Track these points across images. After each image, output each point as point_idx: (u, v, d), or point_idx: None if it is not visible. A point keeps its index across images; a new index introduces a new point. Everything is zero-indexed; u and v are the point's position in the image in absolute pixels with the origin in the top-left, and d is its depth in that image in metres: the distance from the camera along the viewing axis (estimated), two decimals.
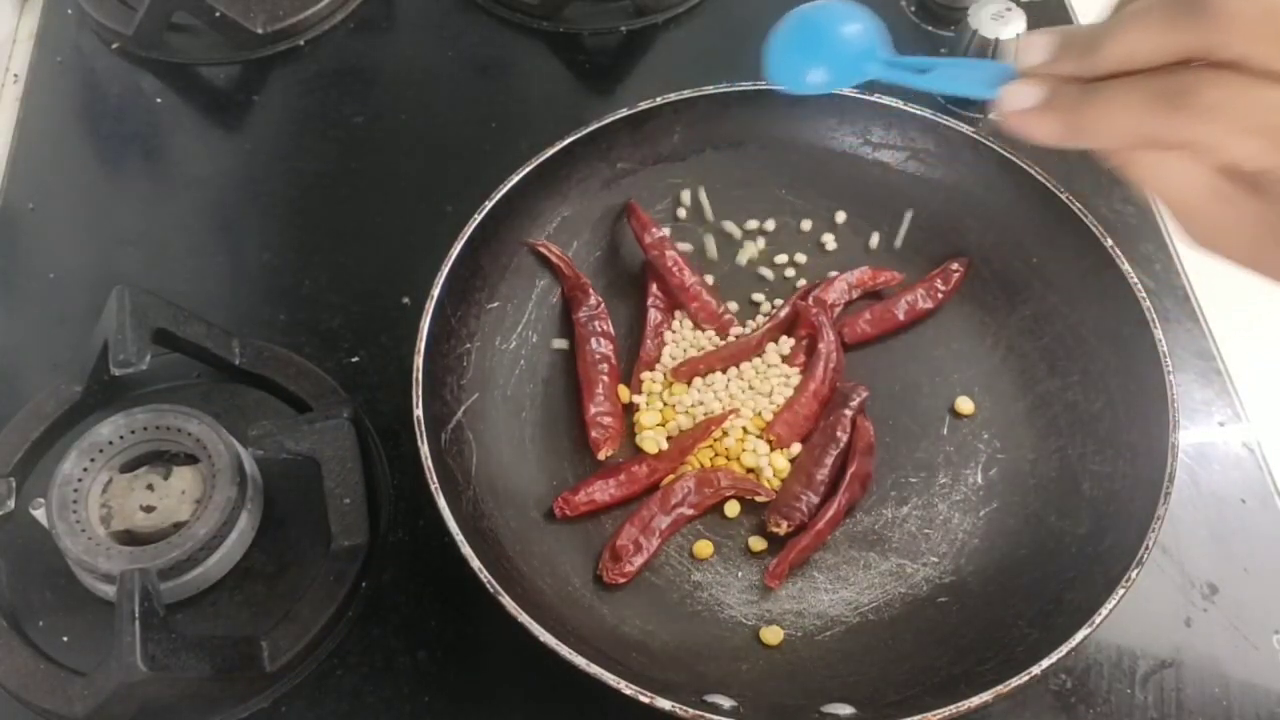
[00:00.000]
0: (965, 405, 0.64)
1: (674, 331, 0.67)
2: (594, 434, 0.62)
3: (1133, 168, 0.39)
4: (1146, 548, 0.52)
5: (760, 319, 0.68)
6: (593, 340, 0.65)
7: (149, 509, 0.58)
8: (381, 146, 0.79)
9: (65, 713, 0.54)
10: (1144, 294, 0.60)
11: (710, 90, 0.68)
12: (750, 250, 0.70)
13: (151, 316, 0.61)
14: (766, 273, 0.70)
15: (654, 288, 0.67)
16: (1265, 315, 0.71)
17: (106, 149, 0.79)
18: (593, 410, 0.63)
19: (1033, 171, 0.65)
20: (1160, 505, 0.53)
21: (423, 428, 0.56)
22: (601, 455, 0.62)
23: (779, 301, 0.68)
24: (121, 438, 0.58)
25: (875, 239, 0.70)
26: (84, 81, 0.83)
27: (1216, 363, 0.68)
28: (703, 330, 0.67)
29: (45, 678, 0.55)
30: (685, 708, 0.49)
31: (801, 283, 0.69)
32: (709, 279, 0.69)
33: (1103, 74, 0.37)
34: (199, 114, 0.82)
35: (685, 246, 0.70)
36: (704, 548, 0.60)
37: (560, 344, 0.66)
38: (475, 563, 0.52)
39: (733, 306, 0.68)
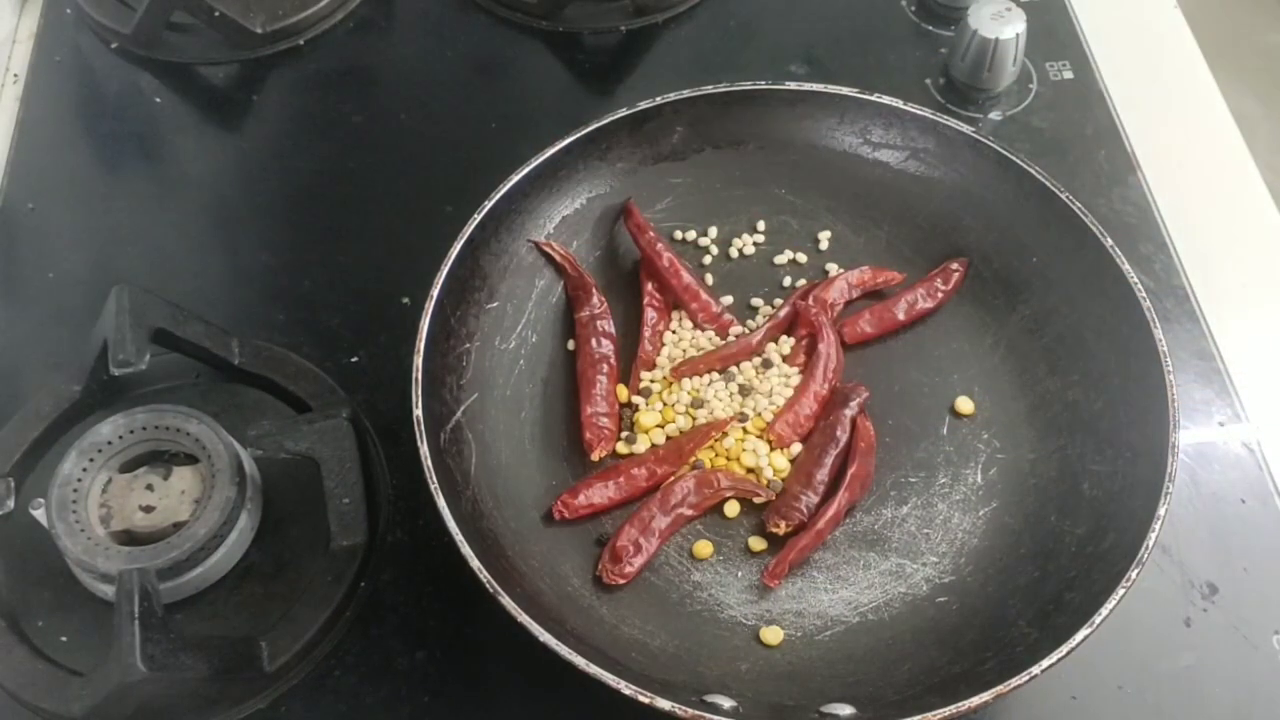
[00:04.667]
0: (965, 405, 0.64)
1: (674, 332, 0.67)
2: (589, 435, 0.62)
3: None
4: (1146, 548, 0.52)
5: (760, 319, 0.68)
6: (594, 340, 0.65)
7: (148, 509, 0.57)
8: (381, 146, 0.79)
9: (64, 712, 0.54)
10: (1144, 294, 0.60)
11: (710, 90, 0.68)
12: (749, 250, 0.70)
13: (150, 316, 0.61)
14: (766, 273, 0.70)
15: (649, 287, 0.67)
16: (1265, 315, 0.71)
17: (106, 149, 0.79)
18: (589, 411, 0.63)
19: (1033, 171, 0.65)
20: (1160, 505, 0.53)
21: (422, 428, 0.56)
22: (595, 456, 0.62)
23: (778, 302, 0.68)
24: (121, 438, 0.58)
25: (875, 239, 0.70)
26: (84, 81, 0.83)
27: (1216, 363, 0.68)
28: (702, 330, 0.67)
29: (44, 678, 0.55)
30: (685, 708, 0.48)
31: (801, 282, 0.69)
32: (708, 279, 0.69)
33: None
34: (198, 113, 0.82)
35: (682, 246, 0.70)
36: (704, 548, 0.60)
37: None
38: (475, 563, 0.52)
39: (731, 305, 0.68)
